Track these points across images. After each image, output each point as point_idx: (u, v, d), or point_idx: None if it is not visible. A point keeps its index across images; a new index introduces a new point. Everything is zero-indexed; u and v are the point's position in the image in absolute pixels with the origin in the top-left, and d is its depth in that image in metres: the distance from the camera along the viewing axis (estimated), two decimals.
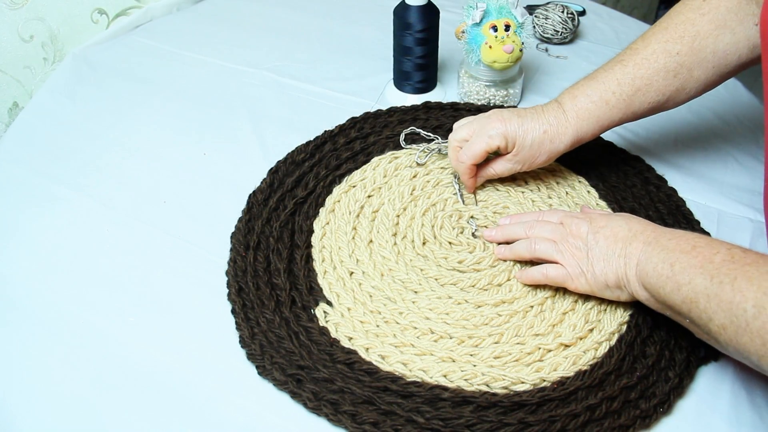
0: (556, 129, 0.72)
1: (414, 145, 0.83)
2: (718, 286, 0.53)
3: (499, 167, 0.76)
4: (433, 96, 0.94)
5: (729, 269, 0.53)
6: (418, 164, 0.81)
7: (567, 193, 0.78)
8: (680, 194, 0.79)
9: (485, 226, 0.75)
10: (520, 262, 0.70)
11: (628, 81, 0.71)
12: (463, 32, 0.87)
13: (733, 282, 0.52)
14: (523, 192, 0.78)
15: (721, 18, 0.68)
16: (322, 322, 0.66)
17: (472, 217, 0.76)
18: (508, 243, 0.71)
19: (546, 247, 0.67)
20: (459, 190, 0.78)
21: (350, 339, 0.65)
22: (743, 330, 0.51)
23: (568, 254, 0.65)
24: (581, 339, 0.64)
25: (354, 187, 0.79)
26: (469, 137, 0.74)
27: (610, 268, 0.62)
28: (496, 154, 0.76)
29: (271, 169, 0.81)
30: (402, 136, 0.83)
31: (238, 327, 0.66)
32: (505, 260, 0.70)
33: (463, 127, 0.75)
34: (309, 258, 0.72)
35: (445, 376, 0.61)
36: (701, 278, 0.54)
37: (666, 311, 0.60)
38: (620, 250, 0.61)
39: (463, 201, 0.77)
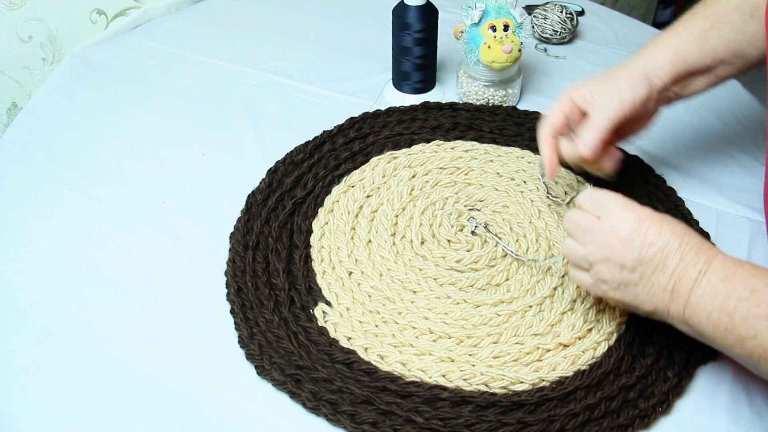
0: (625, 66, 0.68)
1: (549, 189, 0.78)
2: None
3: (594, 123, 0.66)
4: (432, 96, 0.94)
5: None
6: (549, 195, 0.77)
7: (565, 192, 0.78)
8: (679, 194, 0.79)
9: (485, 224, 0.75)
10: None
11: (700, 17, 0.68)
12: (462, 32, 0.87)
13: None
14: (522, 192, 0.78)
15: None
16: (321, 322, 0.66)
17: (472, 217, 0.76)
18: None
19: (578, 274, 0.60)
20: (545, 185, 0.77)
21: (349, 339, 0.65)
22: None
23: (603, 273, 0.56)
24: (580, 339, 0.64)
25: (353, 187, 0.79)
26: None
27: (648, 298, 0.55)
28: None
29: (270, 169, 0.81)
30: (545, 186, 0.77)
31: (237, 327, 0.66)
32: None
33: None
34: (308, 258, 0.72)
35: (444, 375, 0.61)
36: None
37: (717, 348, 0.55)
38: (666, 283, 0.54)
39: (549, 194, 0.76)
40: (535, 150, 0.83)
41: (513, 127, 0.87)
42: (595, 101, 0.67)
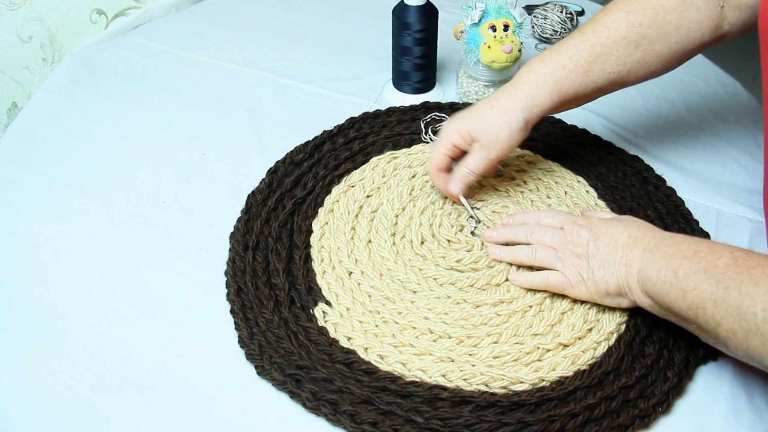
0: (506, 102, 0.69)
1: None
2: (725, 290, 0.52)
3: (470, 163, 0.72)
4: (432, 96, 0.94)
5: (734, 273, 0.53)
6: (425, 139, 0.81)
7: (566, 192, 0.78)
8: (679, 194, 0.79)
9: (485, 225, 0.75)
10: (516, 264, 0.70)
11: (587, 48, 0.69)
12: (462, 32, 0.87)
13: (739, 286, 0.52)
14: (522, 192, 0.78)
15: None
16: (320, 322, 0.66)
17: (471, 217, 0.76)
18: (507, 244, 0.71)
19: (547, 254, 0.66)
20: (470, 211, 0.76)
21: (349, 339, 0.65)
22: (753, 334, 0.51)
23: (568, 262, 0.64)
24: (580, 339, 0.64)
25: (353, 187, 0.79)
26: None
27: (611, 275, 0.61)
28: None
29: (270, 169, 0.81)
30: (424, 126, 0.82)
31: (237, 327, 0.66)
32: (500, 261, 0.70)
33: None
34: (308, 258, 0.72)
35: (443, 375, 0.61)
36: (706, 284, 0.54)
37: (671, 317, 0.59)
38: (621, 258, 0.61)
39: (475, 223, 0.75)
40: (535, 149, 0.83)
41: None
42: (474, 145, 0.72)
